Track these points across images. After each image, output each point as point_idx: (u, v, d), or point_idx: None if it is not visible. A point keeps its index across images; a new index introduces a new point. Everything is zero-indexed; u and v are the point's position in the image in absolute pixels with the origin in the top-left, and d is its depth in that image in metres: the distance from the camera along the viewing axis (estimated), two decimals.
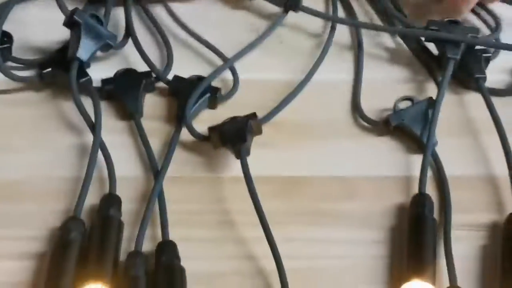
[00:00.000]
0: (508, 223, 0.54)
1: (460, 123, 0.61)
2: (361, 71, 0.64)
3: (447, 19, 0.64)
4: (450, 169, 0.57)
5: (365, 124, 0.60)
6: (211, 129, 0.56)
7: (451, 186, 0.56)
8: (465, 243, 0.53)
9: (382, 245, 0.53)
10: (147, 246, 0.52)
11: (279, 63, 0.64)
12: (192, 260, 0.51)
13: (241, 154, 0.54)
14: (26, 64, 0.63)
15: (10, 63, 0.63)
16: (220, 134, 0.55)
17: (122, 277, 0.50)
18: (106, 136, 0.58)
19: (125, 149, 0.58)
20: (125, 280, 0.50)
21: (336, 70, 0.64)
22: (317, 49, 0.66)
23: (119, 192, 0.54)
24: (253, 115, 0.56)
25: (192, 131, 0.58)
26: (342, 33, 0.67)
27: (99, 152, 0.56)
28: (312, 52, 0.65)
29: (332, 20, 0.67)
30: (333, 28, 0.67)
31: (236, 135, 0.55)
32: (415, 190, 0.55)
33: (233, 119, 0.56)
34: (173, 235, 0.52)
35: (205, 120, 0.59)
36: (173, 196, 0.55)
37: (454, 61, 0.61)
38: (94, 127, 0.57)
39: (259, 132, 0.57)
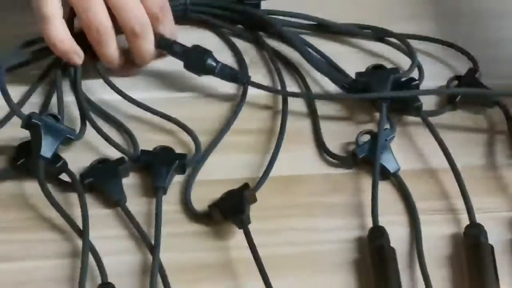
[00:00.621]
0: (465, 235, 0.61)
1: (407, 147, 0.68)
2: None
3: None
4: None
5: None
6: (211, 206, 0.61)
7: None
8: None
9: None
10: None
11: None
12: None
13: (243, 224, 0.59)
14: None
15: None
16: (220, 210, 0.61)
17: None
18: (95, 228, 0.60)
19: (117, 237, 0.61)
20: None
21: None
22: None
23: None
24: (246, 185, 0.62)
25: (193, 211, 0.62)
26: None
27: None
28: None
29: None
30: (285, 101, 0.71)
31: (235, 208, 0.60)
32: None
33: (229, 193, 0.61)
34: None
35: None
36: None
37: (386, 103, 0.68)
38: (82, 231, 0.60)
39: (254, 200, 0.62)
